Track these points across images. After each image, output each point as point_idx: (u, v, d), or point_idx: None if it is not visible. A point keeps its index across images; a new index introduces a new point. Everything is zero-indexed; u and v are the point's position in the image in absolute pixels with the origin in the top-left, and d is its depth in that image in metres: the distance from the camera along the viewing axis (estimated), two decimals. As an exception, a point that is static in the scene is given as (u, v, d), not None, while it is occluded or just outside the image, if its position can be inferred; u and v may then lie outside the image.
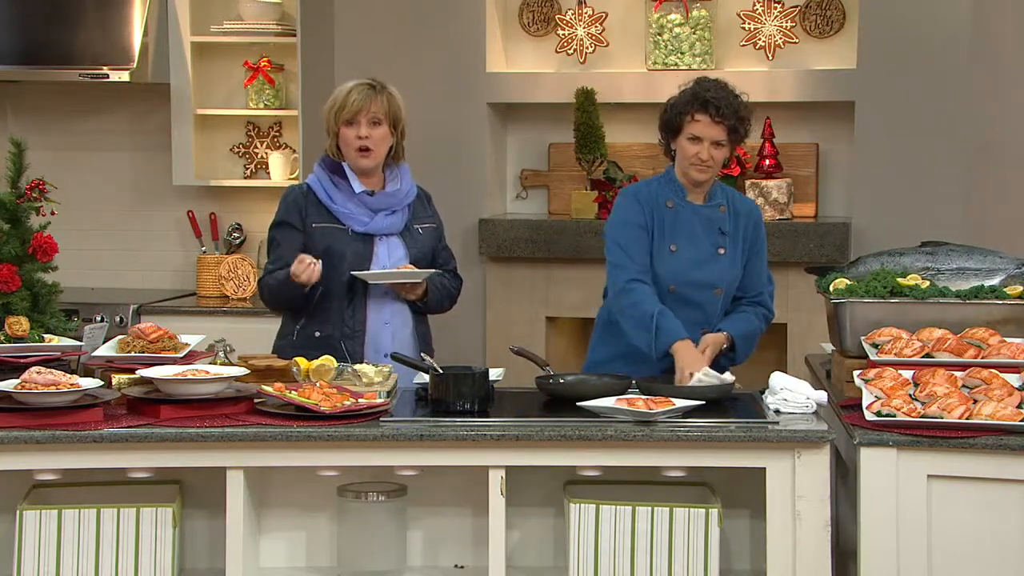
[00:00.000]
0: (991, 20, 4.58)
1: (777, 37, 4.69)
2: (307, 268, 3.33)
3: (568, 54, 4.85)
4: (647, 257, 3.35)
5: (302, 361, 3.11)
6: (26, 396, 2.84)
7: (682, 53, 4.71)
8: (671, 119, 3.36)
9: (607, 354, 3.43)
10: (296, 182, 4.68)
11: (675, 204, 3.37)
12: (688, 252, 3.37)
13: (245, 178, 5.11)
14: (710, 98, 3.30)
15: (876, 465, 2.79)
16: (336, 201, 3.46)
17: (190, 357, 3.16)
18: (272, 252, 3.50)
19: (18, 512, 2.84)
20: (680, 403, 2.89)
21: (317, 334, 3.43)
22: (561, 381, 3.15)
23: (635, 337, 3.29)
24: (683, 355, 3.19)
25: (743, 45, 4.73)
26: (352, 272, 3.41)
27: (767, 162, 4.68)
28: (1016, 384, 2.95)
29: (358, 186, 3.47)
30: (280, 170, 5.01)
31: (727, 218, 3.41)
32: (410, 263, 3.48)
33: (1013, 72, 4.63)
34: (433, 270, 3.49)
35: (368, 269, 3.43)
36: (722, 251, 3.38)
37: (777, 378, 3.02)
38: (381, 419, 2.87)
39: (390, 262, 3.47)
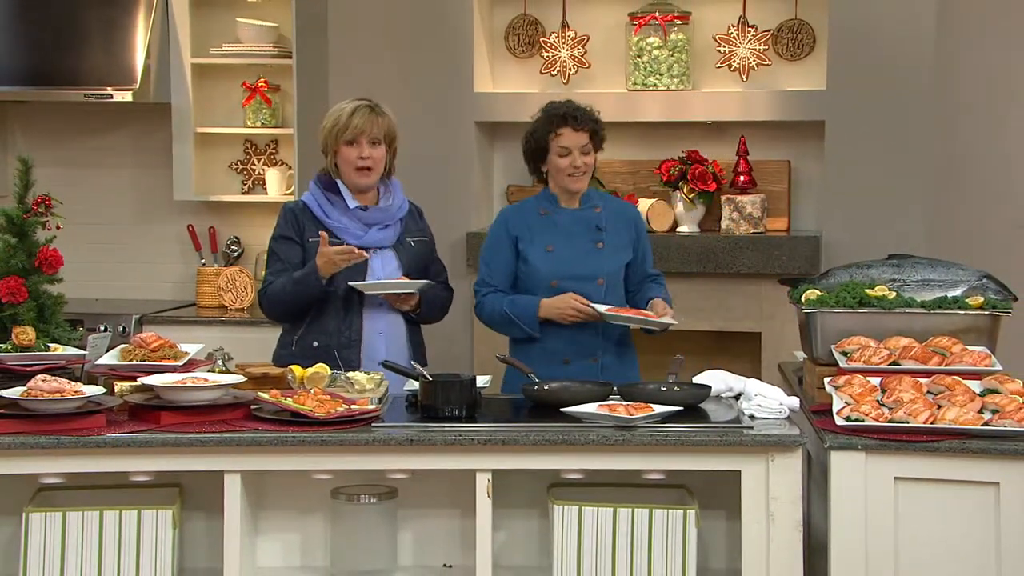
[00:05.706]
0: (954, 45, 4.64)
1: (751, 59, 4.73)
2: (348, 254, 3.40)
3: (552, 75, 4.89)
4: (502, 265, 3.59)
5: (297, 369, 3.15)
6: (32, 403, 2.87)
7: (660, 74, 4.75)
8: (536, 146, 3.59)
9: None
10: (292, 197, 4.79)
11: (549, 211, 3.61)
12: (566, 250, 3.57)
13: (243, 193, 5.16)
14: (566, 112, 3.57)
15: (846, 468, 2.85)
16: (331, 216, 3.52)
17: (190, 365, 3.20)
18: (272, 264, 3.55)
19: (24, 514, 2.89)
20: (660, 408, 2.95)
21: (315, 344, 3.47)
22: (545, 388, 3.20)
23: (510, 334, 3.59)
24: (552, 305, 3.49)
25: (718, 67, 4.78)
26: (349, 283, 3.46)
27: (742, 178, 4.74)
28: (977, 390, 3.01)
29: (352, 202, 3.54)
30: (276, 186, 5.06)
31: (603, 216, 3.61)
32: (404, 275, 3.54)
33: (974, 94, 4.69)
34: (426, 281, 3.54)
35: (363, 281, 3.49)
36: (600, 245, 3.59)
37: (751, 385, 3.09)
38: (373, 424, 2.92)
39: (384, 274, 3.52)
